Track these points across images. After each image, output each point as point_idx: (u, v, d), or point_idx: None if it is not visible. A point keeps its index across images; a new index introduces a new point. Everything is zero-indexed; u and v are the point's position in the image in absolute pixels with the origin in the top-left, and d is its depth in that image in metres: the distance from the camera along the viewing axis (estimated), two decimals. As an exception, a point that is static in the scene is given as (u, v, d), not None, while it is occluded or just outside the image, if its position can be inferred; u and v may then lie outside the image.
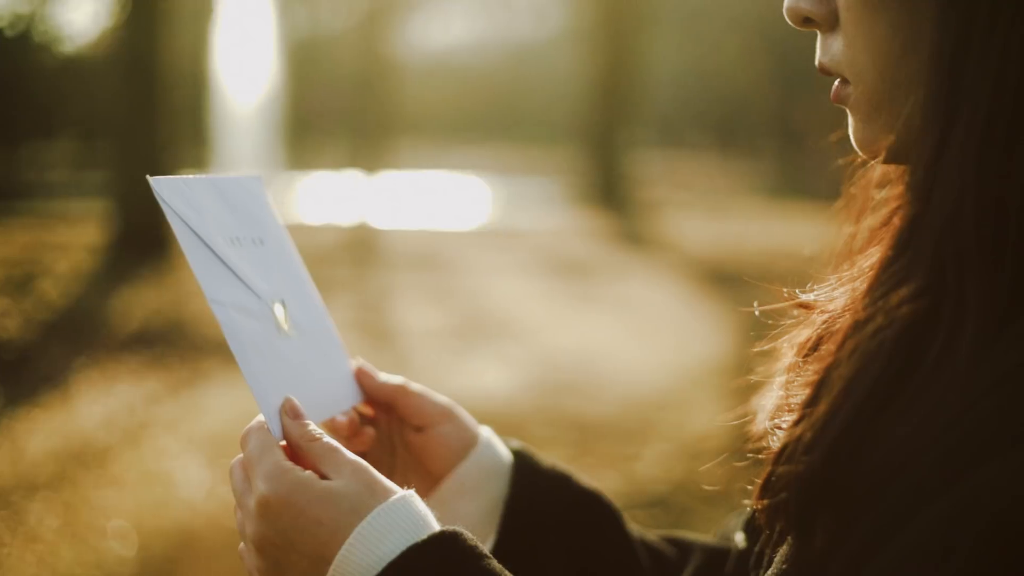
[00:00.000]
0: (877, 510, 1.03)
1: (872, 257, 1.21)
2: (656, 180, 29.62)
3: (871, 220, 1.40)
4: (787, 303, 1.36)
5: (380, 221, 21.72)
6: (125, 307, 12.23)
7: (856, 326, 1.13)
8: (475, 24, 45.08)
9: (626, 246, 19.38)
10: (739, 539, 1.59)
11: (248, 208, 1.54)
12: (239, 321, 1.44)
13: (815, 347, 1.26)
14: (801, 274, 1.39)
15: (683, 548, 1.76)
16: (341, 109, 33.75)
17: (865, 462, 1.07)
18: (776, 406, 1.30)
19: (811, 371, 1.19)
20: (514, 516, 1.61)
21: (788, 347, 1.35)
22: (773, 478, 1.15)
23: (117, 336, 10.90)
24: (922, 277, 1.09)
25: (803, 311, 1.34)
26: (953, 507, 0.97)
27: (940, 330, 1.07)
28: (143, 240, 15.14)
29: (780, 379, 1.37)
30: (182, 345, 10.58)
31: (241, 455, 1.40)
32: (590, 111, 27.14)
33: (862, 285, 1.17)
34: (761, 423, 1.45)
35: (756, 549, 1.40)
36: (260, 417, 1.42)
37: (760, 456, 1.35)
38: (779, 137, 38.20)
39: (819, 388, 1.15)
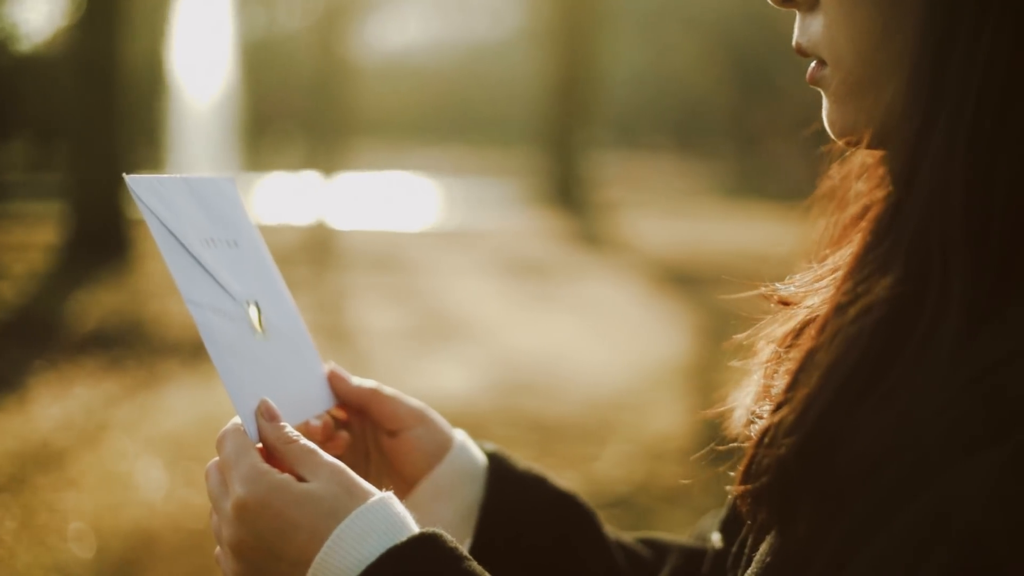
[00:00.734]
0: (855, 508, 1.03)
1: (852, 247, 1.20)
2: (613, 181, 29.68)
3: (850, 211, 1.38)
4: (767, 299, 1.34)
5: (338, 221, 21.69)
6: (82, 309, 12.16)
7: (837, 311, 1.12)
8: (431, 24, 45.07)
9: (584, 246, 19.41)
10: (715, 539, 1.58)
11: (221, 209, 1.54)
12: (215, 323, 1.42)
13: (795, 339, 1.25)
14: (761, 274, 1.39)
15: (659, 549, 1.75)
16: (298, 109, 33.69)
17: (843, 450, 1.06)
18: (756, 395, 1.30)
19: (792, 359, 1.18)
20: (490, 519, 1.60)
21: (766, 341, 1.33)
22: (754, 463, 1.15)
23: (75, 338, 10.83)
24: (904, 264, 1.09)
25: (782, 306, 1.31)
26: (925, 515, 0.97)
27: (922, 318, 1.07)
28: (100, 241, 15.07)
29: (758, 372, 1.35)
30: (140, 346, 10.53)
31: (217, 458, 1.38)
32: (547, 112, 27.18)
33: (842, 273, 1.16)
34: (738, 417, 1.45)
35: (733, 550, 1.40)
36: (236, 420, 1.40)
37: (741, 446, 1.35)
38: (736, 138, 38.36)
39: (799, 373, 1.14)
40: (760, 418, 1.21)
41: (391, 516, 1.29)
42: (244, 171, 31.72)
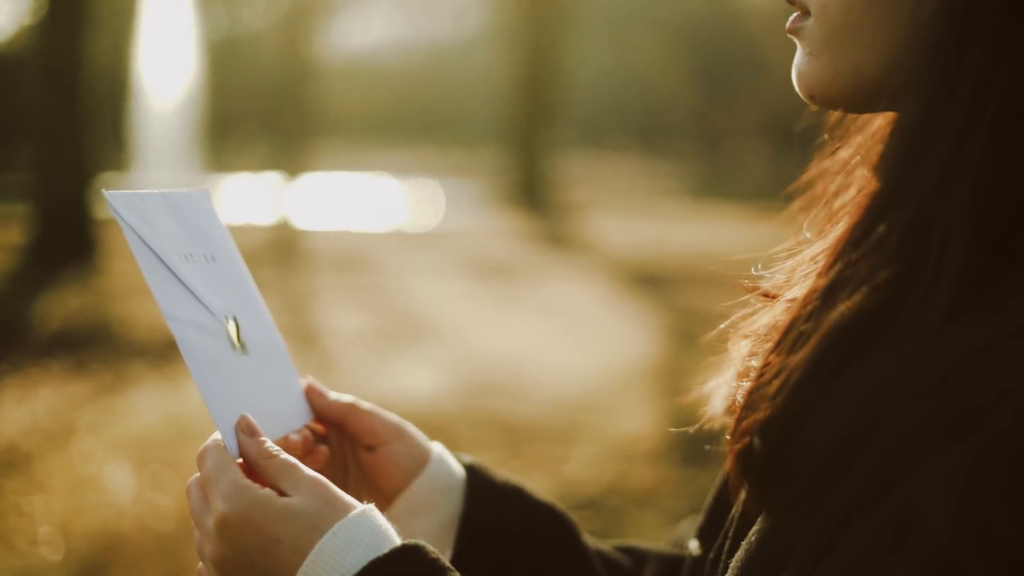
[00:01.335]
0: (831, 499, 1.03)
1: (838, 228, 1.20)
2: (578, 181, 29.69)
3: (835, 199, 1.40)
4: (748, 291, 1.35)
5: (302, 222, 21.64)
6: (48, 310, 12.10)
7: (826, 291, 1.13)
8: (395, 25, 44.98)
9: (549, 247, 19.42)
10: (693, 546, 1.58)
11: (199, 224, 1.53)
12: (195, 338, 1.42)
13: (773, 328, 1.25)
14: (726, 274, 1.40)
15: (637, 557, 1.75)
16: (262, 110, 33.57)
17: (816, 420, 1.06)
18: (735, 379, 1.30)
19: (771, 345, 1.19)
20: (470, 531, 1.61)
21: (744, 332, 1.34)
22: (741, 424, 1.15)
23: (40, 340, 10.78)
24: (899, 248, 1.09)
25: (763, 299, 1.32)
26: (888, 522, 0.98)
27: (909, 301, 1.07)
28: (65, 242, 14.99)
29: (736, 361, 1.36)
30: (106, 348, 10.48)
31: (197, 474, 1.38)
32: (512, 112, 27.17)
33: (828, 252, 1.17)
34: (715, 404, 1.46)
35: (711, 556, 1.40)
36: (215, 435, 1.40)
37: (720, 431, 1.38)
38: (700, 138, 38.42)
39: (782, 342, 1.15)
40: (746, 382, 1.21)
41: (373, 528, 1.29)
42: (208, 172, 31.62)
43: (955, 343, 1.03)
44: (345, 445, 1.64)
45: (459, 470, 1.64)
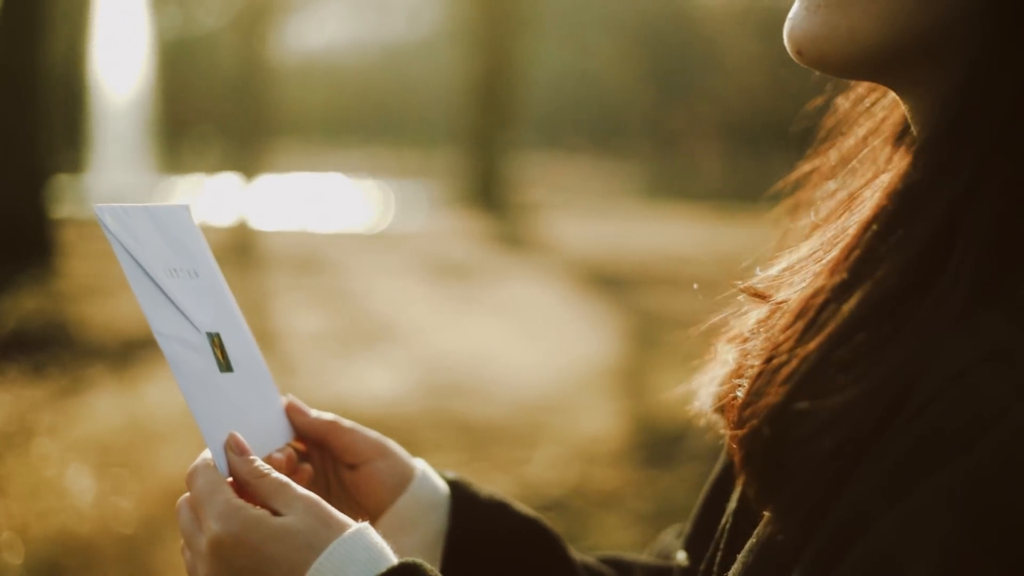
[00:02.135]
0: (835, 507, 1.03)
1: (850, 222, 1.19)
2: (534, 182, 29.73)
3: (839, 192, 1.40)
4: (741, 291, 1.34)
5: (259, 223, 21.58)
6: (3, 313, 12.02)
7: (840, 286, 1.11)
8: (350, 24, 44.88)
9: (506, 248, 19.44)
10: (681, 558, 1.58)
11: (181, 238, 1.52)
12: (183, 355, 1.42)
13: (765, 325, 1.24)
14: (679, 275, 1.40)
15: (623, 569, 1.75)
16: (217, 111, 33.45)
17: (820, 416, 1.05)
18: (728, 374, 1.29)
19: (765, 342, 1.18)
20: (456, 548, 1.60)
21: (734, 330, 1.33)
22: (746, 412, 1.13)
23: (-4, 342, 10.72)
24: (923, 248, 1.07)
25: (756, 299, 1.31)
26: (877, 556, 0.97)
27: (929, 295, 1.06)
28: (20, 245, 14.88)
29: (726, 356, 1.36)
30: (63, 351, 10.41)
31: (187, 494, 1.37)
32: (468, 113, 27.18)
33: (844, 245, 1.14)
34: (702, 399, 1.46)
35: (701, 568, 1.40)
36: (204, 454, 1.39)
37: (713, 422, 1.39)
38: (655, 138, 38.52)
39: (794, 323, 1.13)
40: (741, 385, 1.19)
41: (369, 547, 1.28)
42: (163, 173, 31.48)
43: (968, 344, 1.02)
44: (327, 463, 1.62)
45: (443, 486, 1.63)
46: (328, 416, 1.60)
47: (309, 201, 26.58)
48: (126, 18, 33.48)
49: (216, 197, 25.06)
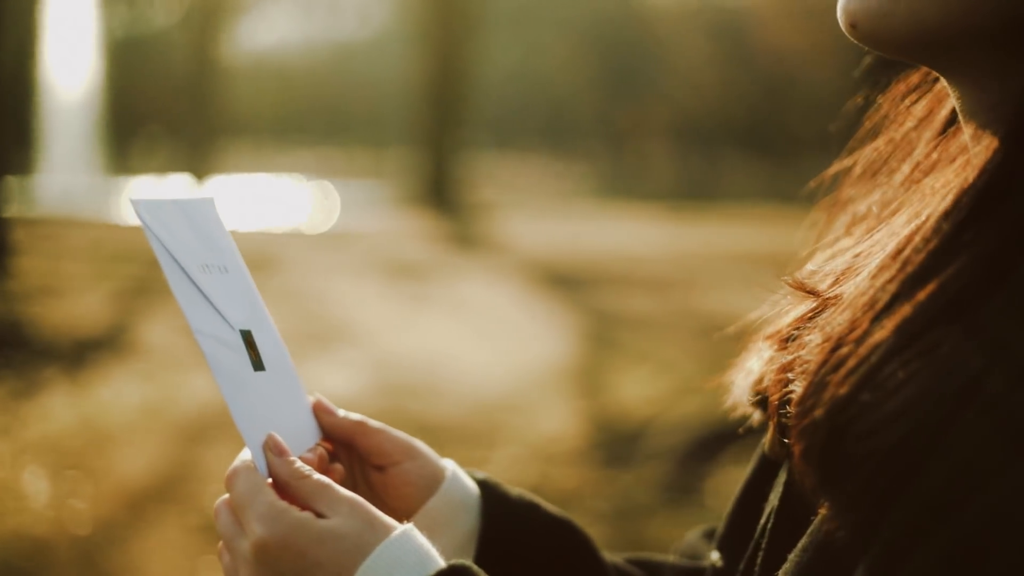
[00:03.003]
0: (897, 508, 1.00)
1: (889, 226, 1.18)
2: (486, 181, 29.75)
3: (895, 179, 1.38)
4: (787, 285, 1.31)
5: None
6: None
7: (912, 279, 1.08)
8: (300, 24, 44.78)
9: (459, 248, 19.44)
10: (715, 557, 1.55)
11: (210, 233, 1.49)
12: (221, 354, 1.39)
13: (808, 322, 1.23)
14: (633, 275, 1.39)
15: (651, 570, 1.73)
16: (167, 111, 33.30)
17: (883, 409, 1.02)
18: (777, 369, 1.27)
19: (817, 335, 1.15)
20: (488, 549, 1.58)
21: (776, 324, 1.32)
22: (808, 401, 1.10)
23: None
24: (1000, 244, 1.05)
25: (806, 295, 1.28)
26: (978, 522, 0.95)
27: (999, 294, 1.03)
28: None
29: (763, 352, 1.35)
30: (16, 351, 10.34)
31: (226, 495, 1.35)
32: (419, 112, 27.17)
33: (919, 237, 1.11)
34: (738, 394, 1.44)
35: (741, 568, 1.37)
36: (242, 456, 1.37)
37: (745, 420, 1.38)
38: (606, 138, 38.62)
39: (863, 313, 1.10)
40: (793, 378, 1.18)
41: (417, 549, 1.27)
42: (113, 174, 31.33)
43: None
44: (353, 463, 1.60)
45: (473, 487, 1.61)
46: (355, 416, 1.58)
47: (260, 202, 26.50)
48: (75, 16, 33.29)
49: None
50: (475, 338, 11.92)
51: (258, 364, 1.45)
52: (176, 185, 26.99)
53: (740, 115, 35.99)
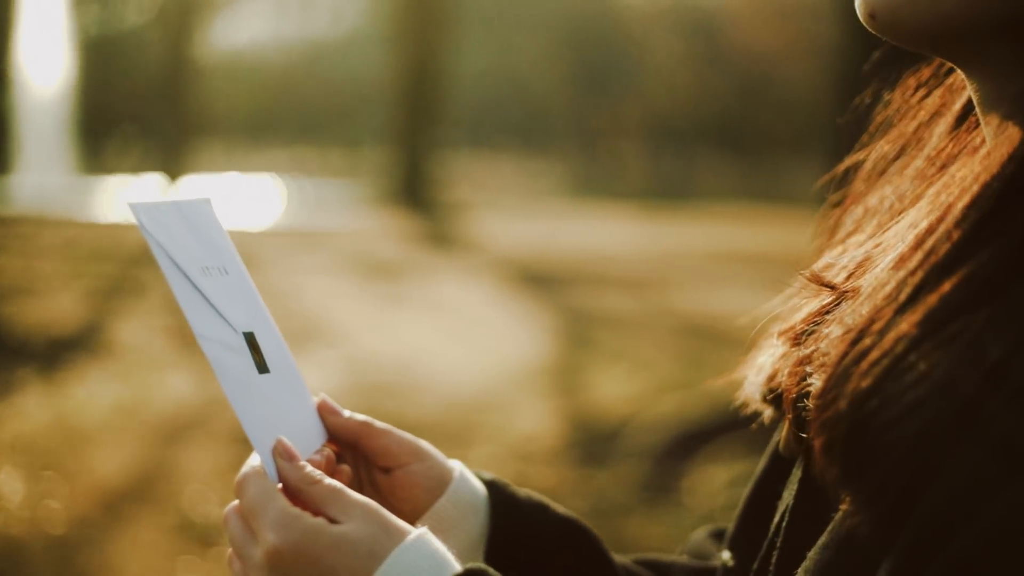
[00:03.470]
0: (920, 507, 0.99)
1: (907, 217, 1.17)
2: (460, 180, 29.75)
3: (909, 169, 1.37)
4: (805, 279, 1.31)
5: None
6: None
7: (936, 269, 1.07)
8: (273, 22, 44.66)
9: (433, 247, 19.44)
10: (726, 557, 1.54)
11: (208, 234, 1.46)
12: (225, 358, 1.37)
13: (824, 315, 1.23)
14: (607, 274, 1.39)
15: (660, 570, 1.71)
16: (141, 110, 33.18)
17: (903, 401, 1.01)
18: (793, 363, 1.25)
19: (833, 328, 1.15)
20: (497, 550, 1.56)
21: (789, 319, 1.31)
22: (830, 393, 1.08)
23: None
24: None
25: (823, 288, 1.27)
26: (1009, 513, 0.94)
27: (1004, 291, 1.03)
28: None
29: (775, 348, 1.35)
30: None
31: (236, 502, 1.34)
32: (392, 111, 27.15)
33: (911, 236, 1.11)
34: (749, 388, 1.44)
35: (754, 567, 1.35)
36: (252, 461, 1.35)
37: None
38: (579, 137, 38.66)
39: (887, 304, 1.08)
40: (811, 372, 1.17)
41: (433, 553, 1.26)
42: (86, 174, 31.23)
43: None
44: (358, 464, 1.57)
45: (481, 488, 1.58)
46: (360, 417, 1.55)
47: (235, 201, 26.43)
48: (48, 14, 33.15)
49: (142, 197, 24.84)
50: (450, 337, 11.91)
51: (262, 367, 1.43)
52: (151, 184, 26.89)
53: (714, 114, 36.08)
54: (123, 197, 1.33)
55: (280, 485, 1.33)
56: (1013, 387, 0.97)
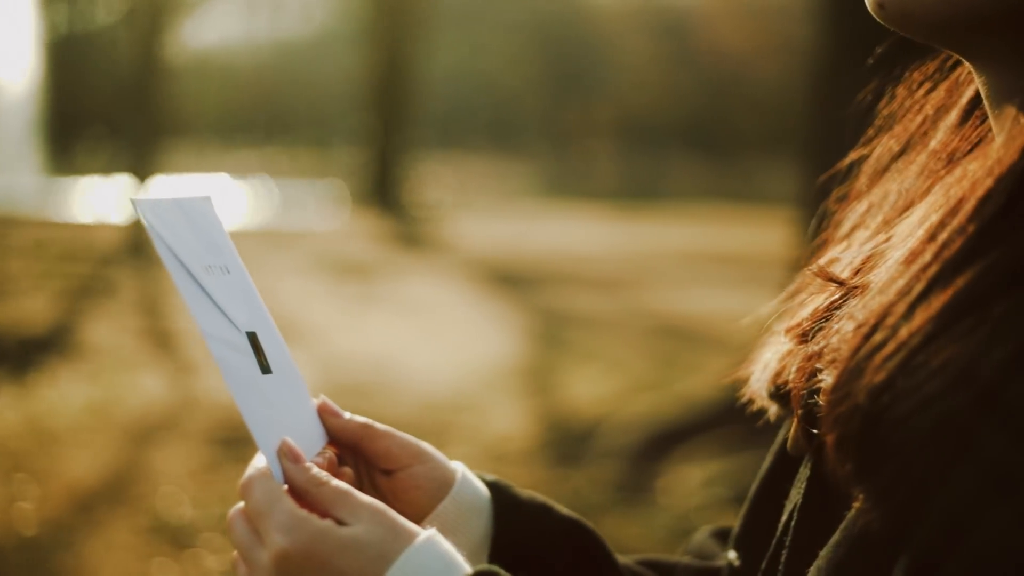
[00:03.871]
0: (934, 505, 0.98)
1: (917, 211, 1.17)
2: (432, 181, 29.76)
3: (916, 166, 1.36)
4: (814, 274, 1.30)
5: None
6: None
7: (951, 264, 1.06)
8: (243, 22, 44.59)
9: (405, 247, 19.46)
10: (732, 556, 1.53)
11: (209, 233, 1.45)
12: (231, 358, 1.36)
13: (833, 311, 1.22)
14: (579, 274, 1.37)
15: (663, 571, 1.70)
16: (110, 110, 33.07)
17: (917, 395, 1.00)
18: (803, 359, 1.24)
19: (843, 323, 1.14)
20: (501, 552, 1.55)
21: (795, 315, 1.31)
22: (842, 389, 1.08)
23: None
24: None
25: (832, 283, 1.27)
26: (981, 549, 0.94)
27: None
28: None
29: (780, 344, 1.34)
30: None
31: (241, 504, 1.32)
32: (363, 112, 27.14)
33: (921, 230, 1.11)
34: (756, 382, 1.43)
35: (763, 566, 1.35)
36: (256, 463, 1.34)
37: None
38: (550, 137, 38.70)
39: (900, 298, 1.08)
40: (821, 367, 1.16)
41: (442, 555, 1.25)
42: (52, 175, 31.12)
43: None
44: (359, 466, 1.55)
45: (483, 489, 1.57)
46: (361, 419, 1.52)
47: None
48: (16, 12, 33.02)
49: (112, 198, 24.82)
50: (423, 337, 11.92)
51: (265, 367, 1.41)
52: (121, 185, 26.79)
53: (685, 114, 36.18)
54: (126, 196, 1.31)
55: (286, 487, 1.32)
56: (1009, 397, 0.96)
